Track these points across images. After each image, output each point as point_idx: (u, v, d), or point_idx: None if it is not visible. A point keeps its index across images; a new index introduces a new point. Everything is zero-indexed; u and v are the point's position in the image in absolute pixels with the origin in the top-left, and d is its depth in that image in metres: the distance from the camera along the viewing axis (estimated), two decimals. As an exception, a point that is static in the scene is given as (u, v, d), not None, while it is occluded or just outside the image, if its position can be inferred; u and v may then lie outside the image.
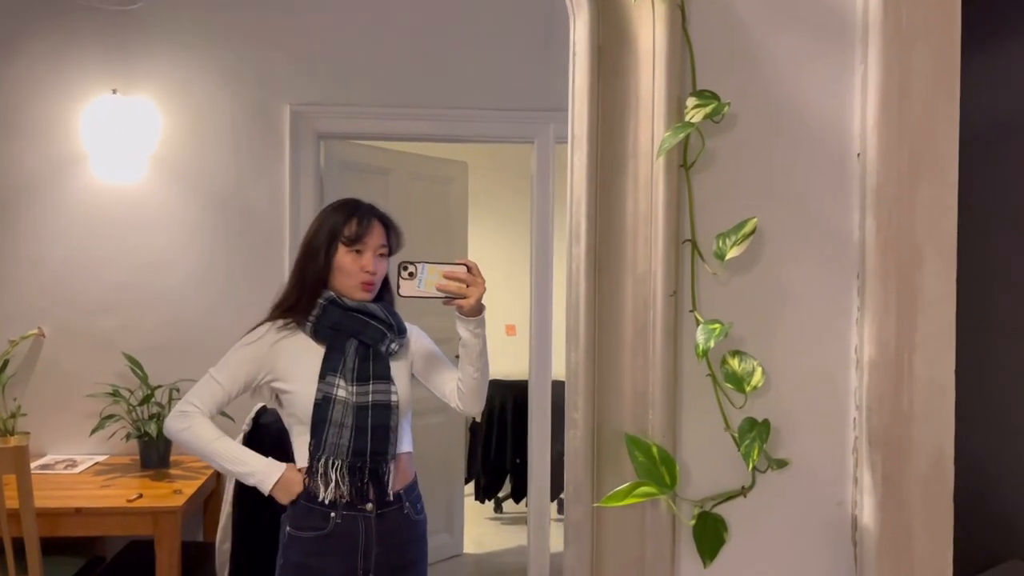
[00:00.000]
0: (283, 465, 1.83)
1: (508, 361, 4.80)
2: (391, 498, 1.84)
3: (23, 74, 3.14)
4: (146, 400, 3.00)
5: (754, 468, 1.27)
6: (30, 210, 3.14)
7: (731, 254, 1.26)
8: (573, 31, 1.29)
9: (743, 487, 1.33)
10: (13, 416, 3.05)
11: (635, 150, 1.28)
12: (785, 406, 1.34)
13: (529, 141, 3.46)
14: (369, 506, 1.81)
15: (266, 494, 1.82)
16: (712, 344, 1.21)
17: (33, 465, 2.65)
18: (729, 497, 1.33)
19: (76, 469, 2.96)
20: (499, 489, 4.73)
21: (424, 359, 1.96)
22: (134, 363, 3.06)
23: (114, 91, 3.12)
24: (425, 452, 2.00)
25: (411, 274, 1.65)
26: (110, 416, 2.93)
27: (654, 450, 1.26)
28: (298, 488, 1.80)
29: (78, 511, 2.56)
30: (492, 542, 4.36)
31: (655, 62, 1.26)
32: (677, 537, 1.33)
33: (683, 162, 1.29)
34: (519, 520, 4.65)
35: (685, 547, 1.33)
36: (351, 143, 3.55)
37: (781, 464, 1.30)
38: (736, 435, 1.28)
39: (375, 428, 1.80)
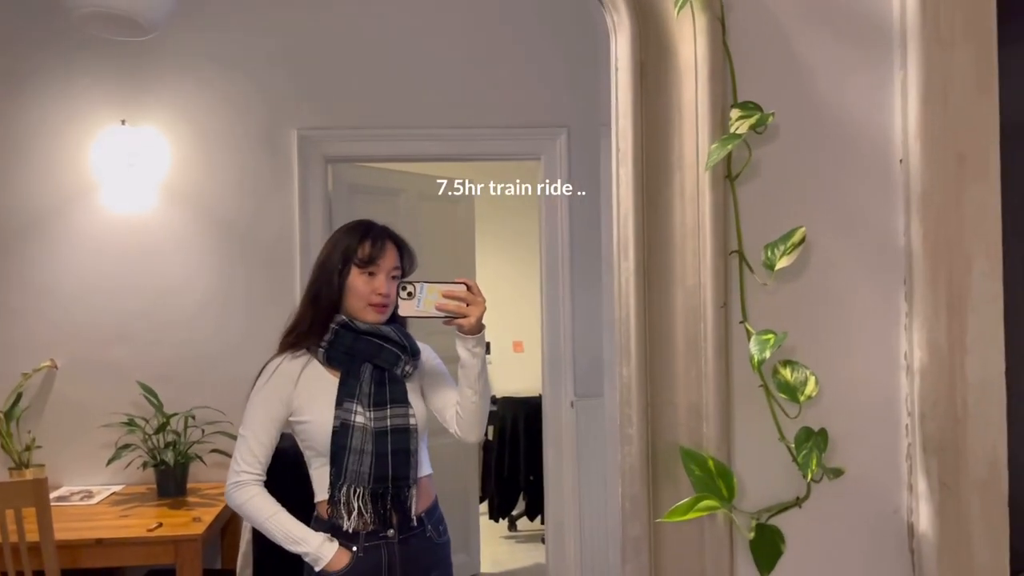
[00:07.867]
0: (335, 545, 1.76)
1: (517, 378, 4.80)
2: (414, 523, 1.81)
3: (31, 106, 3.13)
4: (162, 429, 2.97)
5: (810, 478, 1.26)
6: (41, 242, 3.13)
7: (780, 264, 1.26)
8: (615, 47, 1.29)
9: (798, 497, 1.33)
10: (28, 449, 3.02)
11: (680, 163, 1.28)
12: (836, 414, 1.34)
13: (536, 158, 3.46)
14: (391, 532, 1.78)
15: (317, 570, 1.76)
16: (767, 355, 1.21)
17: (50, 497, 2.61)
18: (784, 508, 1.32)
19: (93, 500, 2.92)
20: (513, 507, 4.70)
21: (429, 379, 1.91)
22: (148, 392, 3.04)
23: (123, 122, 3.12)
24: (439, 472, 1.95)
25: (410, 294, 1.64)
26: (126, 446, 2.90)
27: (710, 463, 1.25)
28: (344, 563, 1.75)
29: (99, 542, 2.53)
30: (508, 560, 4.33)
31: (697, 75, 1.26)
32: (735, 550, 1.32)
33: (728, 173, 1.29)
34: (534, 538, 4.62)
35: (742, 559, 1.32)
36: (359, 166, 3.55)
37: (837, 473, 1.29)
38: (792, 445, 1.27)
39: (395, 453, 1.77)
